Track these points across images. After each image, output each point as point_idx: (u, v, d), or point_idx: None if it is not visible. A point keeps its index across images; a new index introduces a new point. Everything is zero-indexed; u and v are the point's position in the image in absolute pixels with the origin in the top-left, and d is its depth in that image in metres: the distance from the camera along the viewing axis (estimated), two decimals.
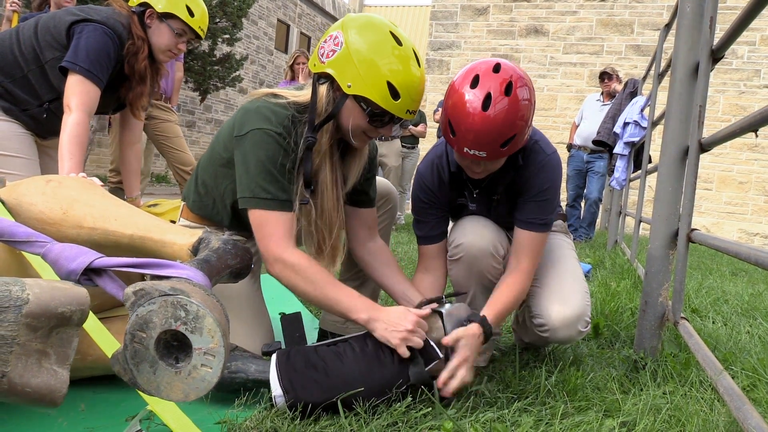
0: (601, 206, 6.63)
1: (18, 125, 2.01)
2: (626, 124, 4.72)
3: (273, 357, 1.29)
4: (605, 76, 5.73)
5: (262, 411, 1.22)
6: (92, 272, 0.98)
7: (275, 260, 1.35)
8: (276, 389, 1.23)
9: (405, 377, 1.28)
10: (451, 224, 1.69)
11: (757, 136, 1.64)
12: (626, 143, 4.74)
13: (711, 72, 1.63)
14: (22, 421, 1.16)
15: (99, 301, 1.36)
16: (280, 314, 1.44)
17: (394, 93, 1.33)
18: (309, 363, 1.27)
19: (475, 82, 1.33)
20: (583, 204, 5.99)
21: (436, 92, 9.82)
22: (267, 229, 1.35)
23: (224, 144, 1.46)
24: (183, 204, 1.63)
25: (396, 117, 1.38)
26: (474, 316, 1.39)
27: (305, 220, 1.42)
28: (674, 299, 1.65)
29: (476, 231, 1.56)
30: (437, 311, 1.39)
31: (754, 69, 8.51)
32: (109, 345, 1.07)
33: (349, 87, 1.33)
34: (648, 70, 4.73)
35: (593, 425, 1.21)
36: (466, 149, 1.35)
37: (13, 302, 0.74)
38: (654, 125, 3.82)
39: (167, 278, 0.96)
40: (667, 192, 1.78)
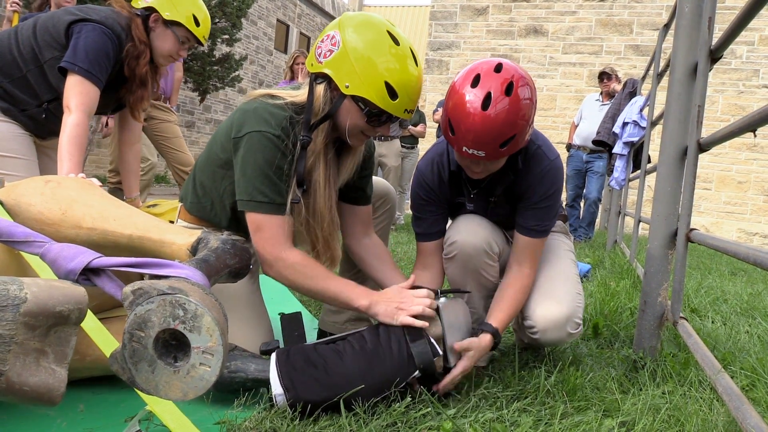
0: (601, 206, 6.63)
1: (17, 126, 2.01)
2: (625, 124, 4.72)
3: (272, 356, 1.29)
4: (604, 76, 5.73)
5: (262, 411, 1.22)
6: (91, 272, 0.98)
7: (275, 260, 1.36)
8: (276, 388, 1.23)
9: (405, 374, 1.28)
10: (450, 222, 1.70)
11: (756, 136, 1.64)
12: (625, 143, 4.74)
13: (710, 72, 1.64)
14: (22, 422, 1.16)
15: (98, 302, 1.35)
16: (280, 314, 1.44)
17: (392, 92, 1.33)
18: (309, 361, 1.27)
19: (476, 82, 1.33)
20: (583, 204, 5.99)
21: (436, 92, 9.81)
22: (265, 232, 1.37)
23: (222, 145, 1.46)
24: (180, 205, 1.63)
25: (394, 116, 1.38)
26: (486, 326, 1.43)
27: (297, 220, 1.43)
28: (673, 299, 1.65)
29: (470, 229, 1.56)
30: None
31: (753, 69, 8.52)
32: (109, 345, 1.07)
33: (347, 87, 1.33)
34: (647, 70, 4.73)
35: (592, 425, 1.21)
36: (465, 149, 1.35)
37: (11, 301, 0.74)
38: (653, 125, 3.82)
39: (166, 278, 0.96)
40: (666, 192, 1.78)
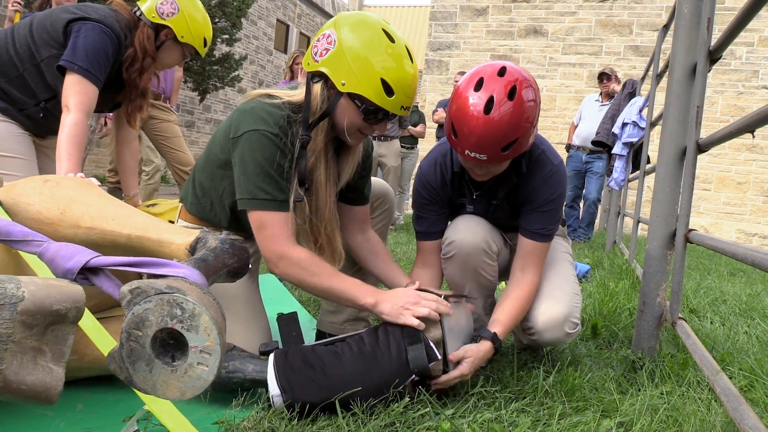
0: (600, 207, 6.63)
1: (15, 125, 2.00)
2: (625, 125, 4.72)
3: (270, 356, 1.29)
4: (604, 77, 5.74)
5: (260, 411, 1.22)
6: (89, 271, 0.98)
7: (279, 258, 1.37)
8: (273, 389, 1.23)
9: (403, 377, 1.28)
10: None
11: (754, 137, 1.64)
12: (625, 144, 4.74)
13: (709, 73, 1.64)
14: (20, 422, 1.16)
15: (96, 301, 1.35)
16: (278, 315, 1.44)
17: (388, 90, 1.34)
18: (306, 362, 1.27)
19: (479, 85, 1.33)
20: (582, 204, 5.99)
21: (436, 92, 9.81)
22: (268, 230, 1.37)
23: (220, 145, 1.46)
24: (181, 205, 1.63)
25: (390, 113, 1.39)
26: (486, 333, 1.42)
27: (300, 218, 1.43)
28: (672, 299, 1.65)
29: (468, 228, 1.56)
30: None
31: (752, 70, 8.52)
32: (107, 345, 1.07)
33: (344, 85, 1.34)
34: (646, 71, 4.73)
35: (591, 425, 1.21)
36: (468, 152, 1.35)
37: (8, 299, 0.73)
38: (652, 126, 3.82)
39: (164, 277, 0.96)
40: (665, 192, 1.78)
